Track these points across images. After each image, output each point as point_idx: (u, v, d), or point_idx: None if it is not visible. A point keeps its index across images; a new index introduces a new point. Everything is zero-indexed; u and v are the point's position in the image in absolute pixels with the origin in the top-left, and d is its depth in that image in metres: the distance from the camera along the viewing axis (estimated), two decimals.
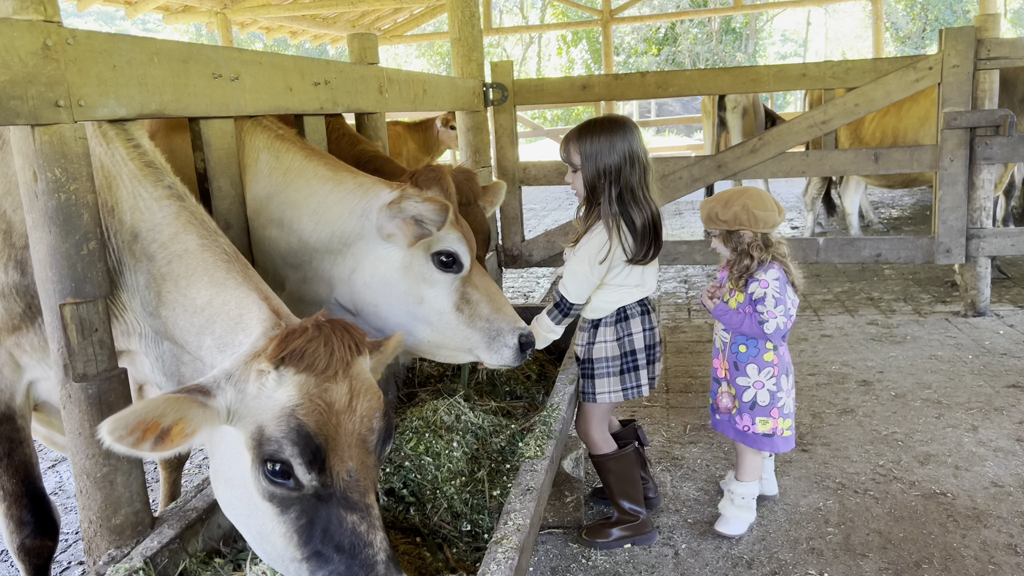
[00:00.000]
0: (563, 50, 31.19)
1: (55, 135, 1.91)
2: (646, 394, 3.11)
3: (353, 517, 1.69)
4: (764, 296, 3.02)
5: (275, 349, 1.68)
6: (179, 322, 1.98)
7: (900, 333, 5.53)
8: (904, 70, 5.56)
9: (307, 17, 15.66)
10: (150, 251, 2.05)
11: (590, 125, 2.94)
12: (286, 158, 2.72)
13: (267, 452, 1.65)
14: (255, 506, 1.72)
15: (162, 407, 1.58)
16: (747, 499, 3.17)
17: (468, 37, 5.92)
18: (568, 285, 2.97)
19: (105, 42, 2.07)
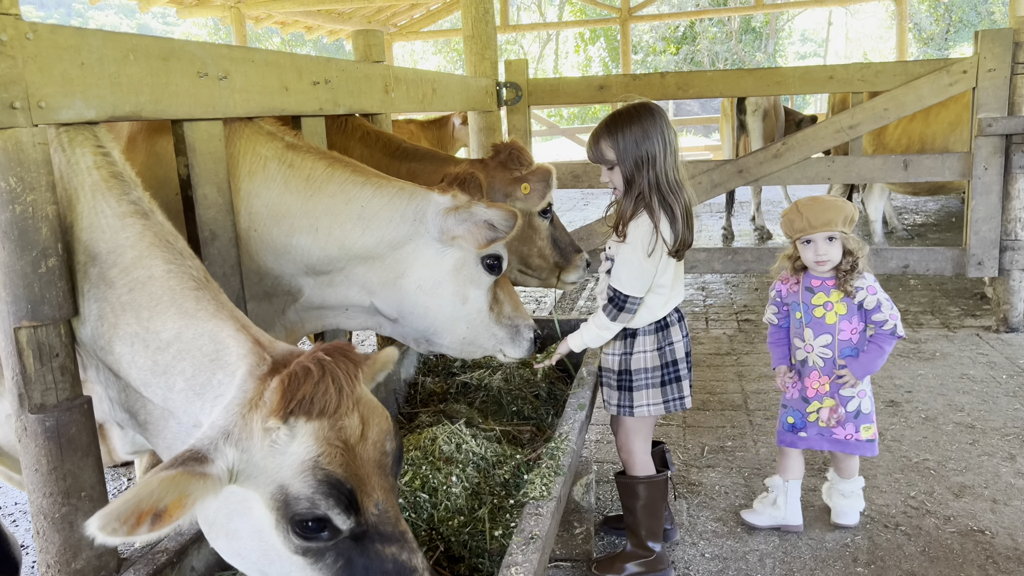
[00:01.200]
0: (580, 48, 30.92)
1: (9, 140, 1.72)
2: (688, 406, 2.96)
3: (392, 548, 1.59)
4: (878, 303, 3.01)
5: (280, 402, 1.49)
6: (137, 360, 1.74)
7: (929, 349, 5.27)
8: (937, 73, 5.30)
9: (322, 12, 15.49)
10: (109, 276, 1.81)
11: (618, 117, 2.76)
12: (304, 166, 2.60)
13: (299, 512, 1.50)
14: (280, 559, 1.56)
15: (157, 491, 1.37)
16: (855, 491, 3.22)
17: (482, 34, 5.71)
18: (623, 277, 2.76)
19: (72, 37, 1.88)
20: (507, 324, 2.80)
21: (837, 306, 3.04)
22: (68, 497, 1.87)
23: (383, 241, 2.59)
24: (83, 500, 1.89)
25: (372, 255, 2.61)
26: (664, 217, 2.71)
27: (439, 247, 2.60)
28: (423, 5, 17.95)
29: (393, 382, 3.42)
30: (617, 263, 2.79)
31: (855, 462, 3.21)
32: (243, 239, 2.65)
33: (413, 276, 2.61)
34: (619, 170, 2.76)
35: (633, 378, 2.90)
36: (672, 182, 2.72)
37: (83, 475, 1.89)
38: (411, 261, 2.61)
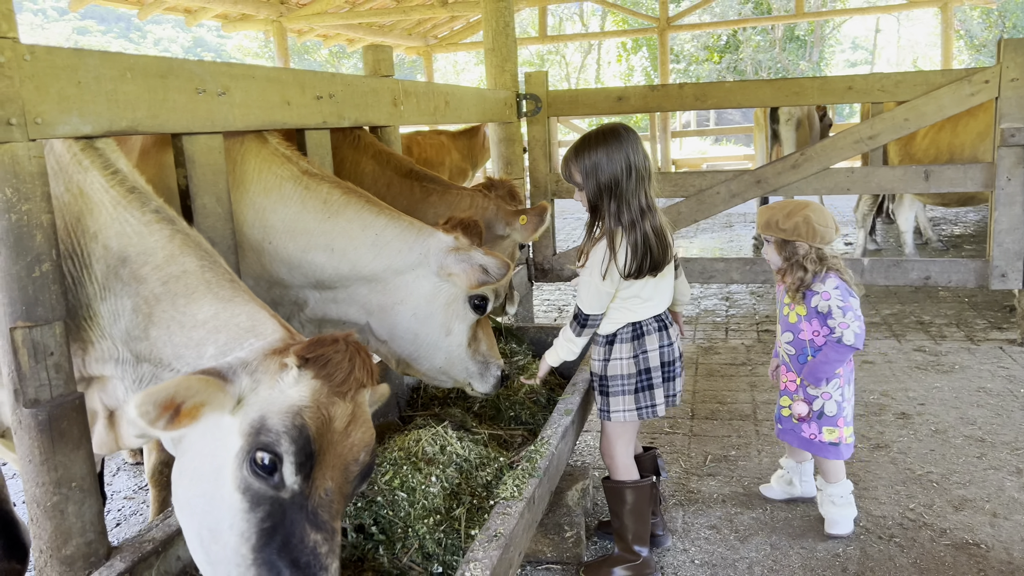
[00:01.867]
0: (623, 57, 30.91)
1: (6, 154, 1.86)
2: (661, 414, 2.98)
3: (317, 536, 1.66)
4: (829, 309, 3.08)
5: (305, 348, 1.70)
6: (173, 338, 1.94)
7: (948, 361, 5.20)
8: (958, 83, 5.25)
9: (363, 25, 15.78)
10: (141, 274, 2.01)
11: (586, 140, 2.82)
12: (320, 190, 2.83)
13: (262, 441, 1.63)
14: (221, 499, 1.67)
15: (195, 386, 1.59)
16: (844, 497, 3.24)
17: (502, 47, 5.82)
18: (582, 296, 2.87)
19: (69, 58, 2.02)
20: (480, 360, 2.99)
21: (797, 307, 3.21)
22: (59, 487, 1.99)
23: (390, 268, 2.82)
24: (73, 490, 2.02)
25: (377, 279, 2.85)
26: (627, 244, 2.74)
27: (436, 281, 2.83)
28: (463, 17, 18.16)
29: (395, 387, 3.52)
30: (580, 285, 2.89)
31: (833, 465, 3.23)
32: (256, 250, 2.87)
33: (410, 304, 2.85)
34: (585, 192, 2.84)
35: (610, 384, 2.96)
36: (636, 208, 2.74)
37: (73, 466, 2.02)
38: (410, 290, 2.84)
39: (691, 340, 6.08)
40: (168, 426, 1.57)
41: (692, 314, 6.90)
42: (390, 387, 3.42)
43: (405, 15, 13.49)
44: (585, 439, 4.27)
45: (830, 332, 3.08)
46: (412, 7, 14.04)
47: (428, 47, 18.58)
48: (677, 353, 3.03)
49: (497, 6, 5.79)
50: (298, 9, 13.59)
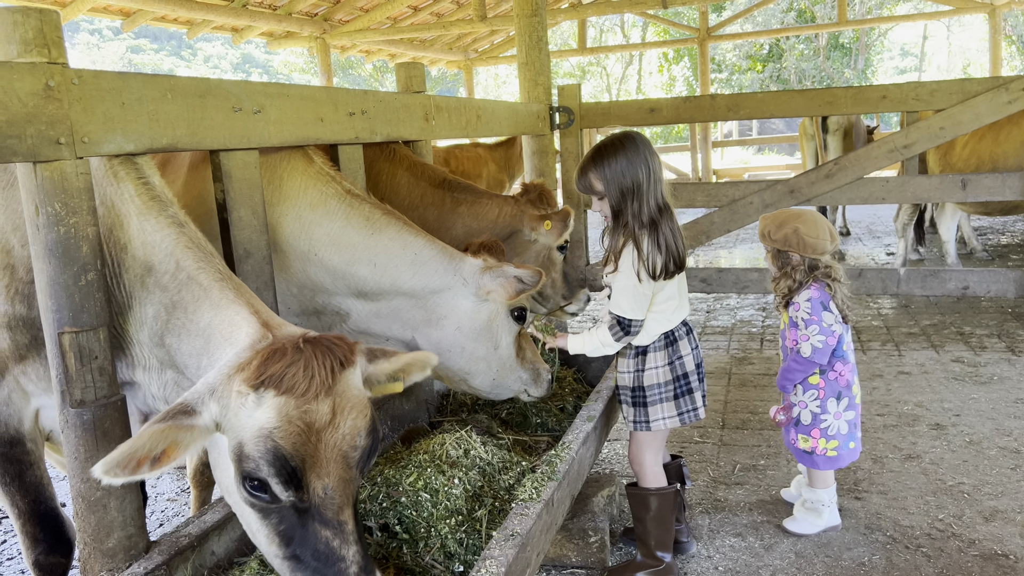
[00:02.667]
0: (664, 68, 30.84)
1: (56, 171, 2.00)
2: (703, 416, 3.05)
3: (327, 532, 1.77)
4: (797, 321, 3.21)
5: (254, 372, 1.72)
6: (182, 347, 2.05)
7: (987, 373, 5.13)
8: (995, 91, 5.19)
9: (404, 40, 16.05)
10: (163, 282, 2.12)
11: (604, 148, 2.88)
12: (363, 209, 2.98)
13: (245, 469, 1.73)
14: (242, 509, 1.85)
15: (147, 442, 1.64)
16: (815, 504, 3.32)
17: (535, 61, 5.92)
18: (622, 303, 2.87)
19: (114, 81, 2.16)
20: (530, 368, 3.15)
21: (783, 316, 3.35)
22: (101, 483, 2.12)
23: (427, 287, 2.97)
24: (115, 486, 2.14)
25: (415, 295, 2.99)
26: (650, 243, 2.81)
27: (475, 301, 2.96)
28: (502, 31, 18.35)
29: (425, 393, 3.62)
30: (615, 291, 2.90)
31: (816, 472, 3.32)
32: (302, 259, 3.03)
33: (452, 319, 2.98)
34: (607, 201, 2.89)
35: (647, 394, 2.99)
36: (655, 208, 2.83)
37: None
38: (450, 307, 2.98)
39: (725, 351, 6.08)
40: (154, 469, 1.65)
41: (728, 324, 6.89)
42: (421, 394, 3.54)
43: (445, 30, 13.70)
44: (614, 447, 4.31)
45: (795, 343, 3.21)
46: (452, 22, 14.25)
47: (468, 61, 18.81)
48: (701, 356, 3.10)
49: (530, 21, 5.89)
50: (341, 26, 13.88)
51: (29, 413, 2.35)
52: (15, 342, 2.24)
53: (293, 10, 12.69)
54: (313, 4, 13.04)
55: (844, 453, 3.26)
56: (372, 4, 13.91)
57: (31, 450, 2.38)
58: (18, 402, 2.32)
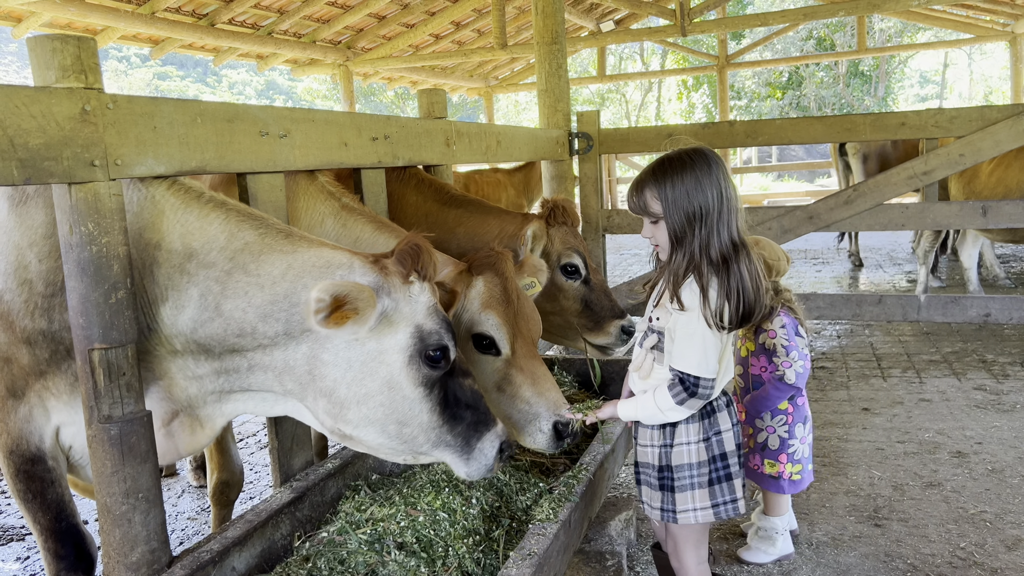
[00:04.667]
0: (683, 95, 31.01)
1: (89, 192, 2.06)
2: (743, 511, 2.52)
3: (468, 380, 2.34)
4: (774, 347, 3.09)
5: (413, 266, 2.18)
6: (253, 300, 2.18)
7: (1010, 401, 5.08)
8: (1015, 119, 5.19)
9: (425, 68, 16.29)
10: (208, 260, 2.22)
11: (667, 164, 2.36)
12: (355, 228, 2.96)
13: (431, 343, 2.19)
14: (403, 398, 2.20)
15: (364, 294, 2.04)
16: (769, 532, 3.29)
17: (555, 88, 6.00)
18: (687, 355, 2.34)
19: (146, 105, 2.23)
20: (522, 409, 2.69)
21: (748, 343, 3.23)
22: (127, 497, 2.16)
23: None
24: (140, 500, 2.18)
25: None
26: (719, 285, 2.31)
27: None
28: (522, 58, 18.55)
29: None
30: (679, 339, 2.36)
31: (774, 498, 3.28)
32: None
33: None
34: (664, 225, 2.38)
35: (675, 475, 2.47)
36: (728, 242, 2.33)
37: (141, 478, 2.18)
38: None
39: None
40: (322, 321, 2.02)
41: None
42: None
43: (466, 57, 13.87)
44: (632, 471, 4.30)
45: (774, 369, 3.11)
46: (472, 50, 14.43)
47: (489, 88, 19.02)
48: (740, 436, 2.58)
49: (550, 49, 5.98)
50: (363, 54, 14.11)
51: (50, 431, 2.40)
52: (36, 357, 2.29)
53: (317, 38, 12.93)
54: (337, 32, 13.28)
55: (805, 476, 3.25)
56: (394, 32, 14.15)
57: (52, 467, 2.42)
58: (39, 419, 2.37)
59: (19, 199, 2.32)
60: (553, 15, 5.93)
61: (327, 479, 2.78)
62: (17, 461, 2.37)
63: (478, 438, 2.31)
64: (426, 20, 13.76)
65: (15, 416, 2.34)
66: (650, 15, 13.23)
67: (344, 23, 12.89)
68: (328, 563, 2.37)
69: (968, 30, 16.53)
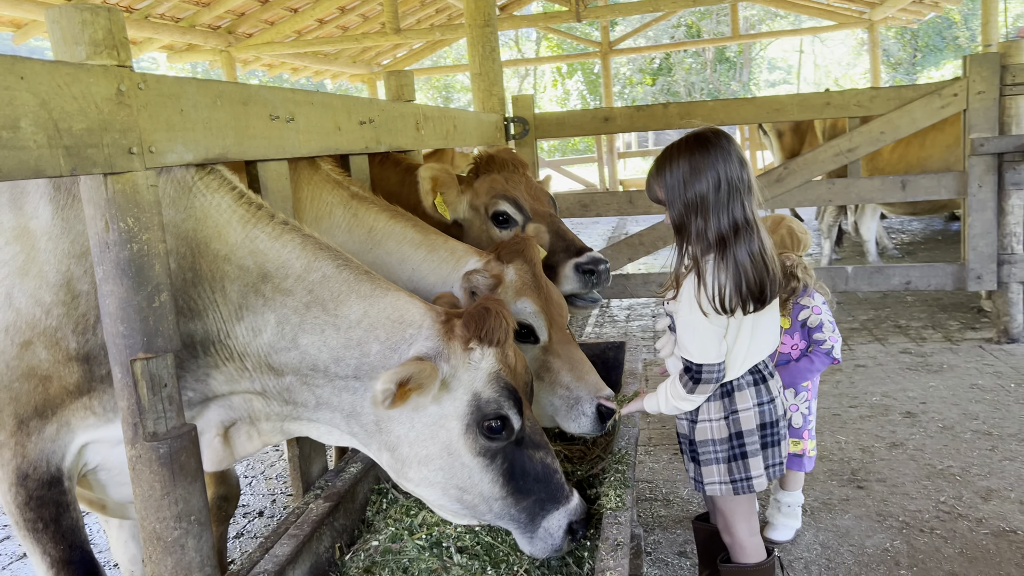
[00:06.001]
0: (558, 82, 31.41)
1: (128, 183, 1.83)
2: (759, 488, 2.50)
3: (540, 453, 2.16)
4: (820, 323, 3.08)
5: (476, 331, 2.04)
6: (329, 342, 2.07)
7: (936, 362, 5.44)
8: (929, 97, 5.54)
9: (309, 54, 15.73)
10: (284, 287, 2.08)
11: (670, 150, 2.39)
12: (367, 217, 2.78)
13: (488, 412, 2.05)
14: (462, 466, 2.07)
15: (426, 371, 1.94)
16: (793, 507, 3.33)
17: (489, 72, 5.90)
18: (687, 344, 2.37)
19: (173, 86, 2.00)
20: (563, 395, 2.68)
21: (783, 320, 3.07)
22: (179, 521, 1.95)
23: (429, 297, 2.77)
24: (192, 524, 1.97)
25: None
26: (715, 269, 2.29)
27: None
28: (406, 45, 18.26)
29: None
30: (679, 327, 2.42)
31: (794, 476, 3.30)
32: None
33: None
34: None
35: (700, 450, 2.52)
36: (728, 224, 2.28)
37: (192, 499, 1.97)
38: None
39: None
40: (391, 404, 1.91)
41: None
42: None
43: (357, 43, 13.46)
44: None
45: (818, 344, 3.06)
46: (362, 35, 14.05)
47: (373, 74, 18.59)
48: (781, 411, 2.54)
49: (483, 32, 5.88)
50: (246, 39, 13.46)
51: (74, 449, 2.14)
52: (89, 374, 2.04)
53: (196, 22, 12.20)
54: (217, 16, 12.58)
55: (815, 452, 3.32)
56: (277, 17, 13.56)
57: (68, 489, 2.15)
58: (64, 438, 2.11)
59: (64, 202, 2.05)
60: None
61: (355, 484, 2.61)
62: (31, 487, 2.10)
63: (544, 516, 2.14)
64: (312, 4, 13.26)
65: (38, 436, 2.07)
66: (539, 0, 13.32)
67: (225, 7, 12.21)
68: (392, 572, 2.22)
69: (831, 17, 17.54)
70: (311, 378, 2.09)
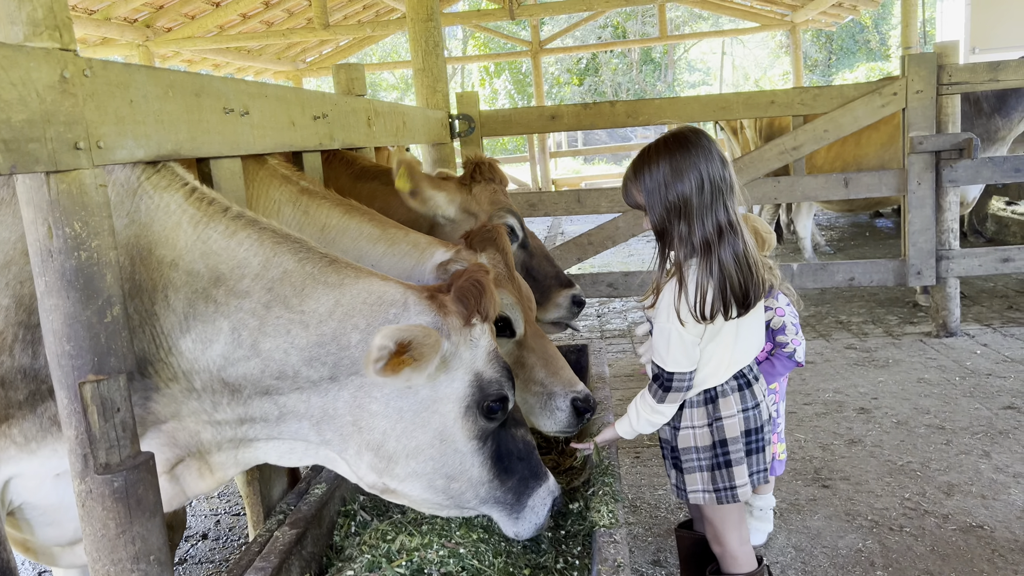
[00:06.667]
0: (486, 81, 31.30)
1: (74, 183, 1.61)
2: (744, 498, 2.42)
3: (521, 431, 2.12)
4: (784, 325, 3.00)
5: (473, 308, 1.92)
6: (297, 342, 1.86)
7: (881, 357, 5.52)
8: (870, 96, 5.62)
9: (231, 49, 15.20)
10: (240, 288, 1.85)
11: (646, 153, 2.30)
12: (319, 214, 2.55)
13: (491, 392, 1.96)
14: (455, 451, 1.96)
15: (431, 339, 1.77)
16: (765, 511, 3.31)
17: (433, 67, 5.72)
18: (660, 350, 2.31)
19: (121, 74, 1.79)
20: (536, 392, 2.62)
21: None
22: (137, 562, 1.73)
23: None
24: (152, 564, 1.76)
25: None
26: (700, 274, 2.22)
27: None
28: (331, 42, 17.85)
29: None
30: (654, 334, 2.35)
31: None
32: None
33: None
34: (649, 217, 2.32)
35: (683, 457, 2.44)
36: (712, 227, 2.21)
37: (151, 537, 1.76)
38: None
39: (632, 353, 6.15)
40: (381, 370, 1.74)
41: (623, 327, 7.00)
42: None
43: (284, 38, 13.06)
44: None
45: (781, 346, 2.99)
46: (288, 30, 13.63)
47: (298, 71, 18.10)
48: (766, 415, 2.47)
49: (426, 27, 5.69)
50: (165, 34, 12.89)
51: None
52: (7, 400, 1.79)
53: (112, 15, 11.62)
54: (134, 9, 12.01)
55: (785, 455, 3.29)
56: (198, 11, 13.04)
57: None
58: None
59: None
60: None
61: (322, 508, 2.42)
62: None
63: (529, 494, 2.10)
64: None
65: None
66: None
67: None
68: None
69: (754, 19, 17.91)
70: (276, 388, 1.88)
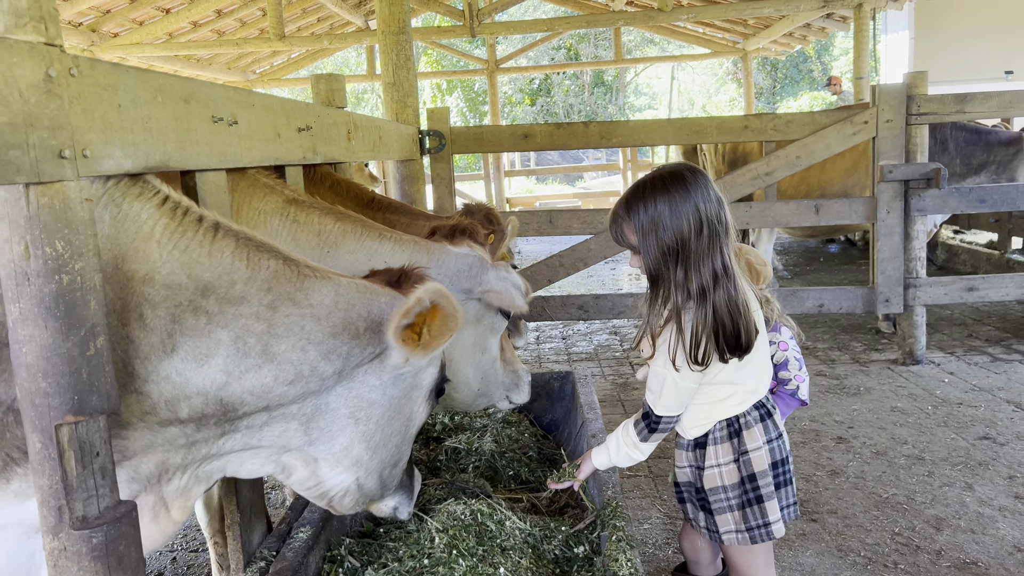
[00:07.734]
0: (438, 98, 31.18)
1: (57, 196, 1.41)
2: (779, 535, 2.33)
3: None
4: (786, 360, 2.88)
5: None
6: (313, 336, 1.75)
7: (851, 384, 5.51)
8: (841, 124, 5.64)
9: (181, 57, 14.81)
10: (234, 295, 1.70)
11: (640, 189, 2.19)
12: (311, 221, 2.43)
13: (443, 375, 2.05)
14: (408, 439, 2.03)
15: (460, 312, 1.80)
16: None
17: (403, 82, 5.55)
18: (653, 391, 2.27)
19: (110, 74, 1.59)
20: (511, 370, 2.90)
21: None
22: None
23: None
24: None
25: None
26: (698, 320, 2.14)
27: (461, 297, 2.53)
28: (283, 53, 17.53)
29: None
30: (650, 374, 2.31)
31: None
32: None
33: None
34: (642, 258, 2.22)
35: (711, 498, 2.34)
36: (709, 274, 2.13)
37: None
38: None
39: (602, 376, 6.04)
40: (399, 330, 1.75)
41: (589, 350, 6.88)
42: None
43: (238, 47, 12.74)
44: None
45: (783, 383, 2.88)
46: (242, 40, 13.31)
47: (248, 82, 17.71)
48: (788, 446, 2.40)
49: (397, 39, 5.53)
50: (112, 39, 12.46)
51: None
52: None
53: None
54: (79, 12, 11.58)
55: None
56: (147, 16, 12.66)
57: None
58: None
59: None
60: (400, 2, 5.48)
61: (307, 554, 2.22)
62: None
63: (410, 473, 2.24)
64: (187, 6, 12.43)
65: None
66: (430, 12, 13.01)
67: (89, 2, 11.26)
68: None
69: (707, 45, 18.19)
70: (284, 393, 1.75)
